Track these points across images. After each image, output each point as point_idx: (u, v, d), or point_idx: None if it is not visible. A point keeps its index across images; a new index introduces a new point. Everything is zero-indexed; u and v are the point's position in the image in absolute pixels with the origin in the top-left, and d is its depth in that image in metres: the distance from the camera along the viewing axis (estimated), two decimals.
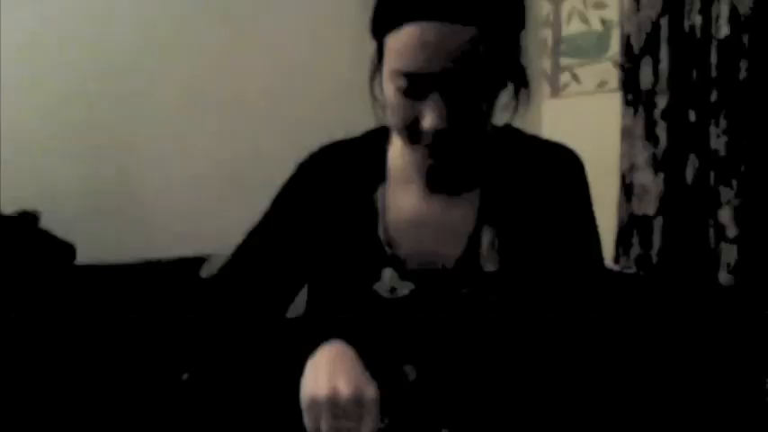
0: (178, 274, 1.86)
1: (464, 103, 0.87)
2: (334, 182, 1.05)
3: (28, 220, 1.73)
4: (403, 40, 0.84)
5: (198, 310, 1.06)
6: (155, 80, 2.10)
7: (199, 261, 1.89)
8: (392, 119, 0.93)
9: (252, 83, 2.22)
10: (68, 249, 1.72)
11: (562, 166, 1.03)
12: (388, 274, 0.99)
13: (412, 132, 0.91)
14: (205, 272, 1.87)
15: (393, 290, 0.99)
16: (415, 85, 0.86)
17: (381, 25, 0.88)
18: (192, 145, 2.14)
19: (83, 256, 1.78)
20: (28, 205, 1.74)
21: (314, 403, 0.80)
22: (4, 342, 1.56)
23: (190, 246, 1.96)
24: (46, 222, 1.75)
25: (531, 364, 0.97)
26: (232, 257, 1.08)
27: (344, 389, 0.80)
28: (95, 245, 1.81)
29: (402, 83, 0.86)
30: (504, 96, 0.94)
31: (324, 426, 0.79)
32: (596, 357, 1.00)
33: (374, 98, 0.96)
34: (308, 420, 0.80)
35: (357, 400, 0.80)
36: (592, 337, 1.00)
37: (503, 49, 0.87)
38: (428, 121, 0.87)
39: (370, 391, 0.81)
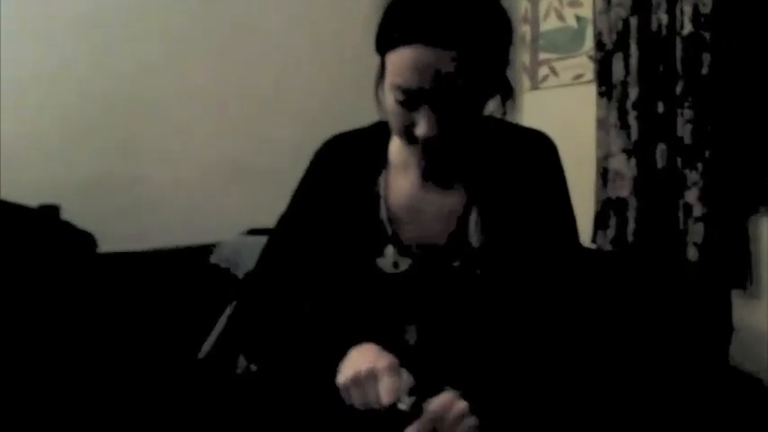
0: (190, 260, 1.98)
1: (452, 114, 0.99)
2: (341, 169, 1.18)
3: (49, 212, 1.84)
4: (398, 60, 0.97)
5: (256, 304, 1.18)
6: (164, 84, 2.20)
7: (208, 248, 2.02)
8: (391, 122, 1.06)
9: (254, 79, 2.33)
10: (89, 239, 1.84)
11: (537, 151, 1.16)
12: (390, 250, 1.13)
13: (408, 135, 1.04)
14: (214, 258, 1.99)
15: (395, 264, 1.12)
16: (410, 98, 0.99)
17: (382, 45, 1.02)
18: (197, 141, 2.25)
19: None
20: (49, 200, 1.86)
21: (344, 385, 0.98)
22: (32, 330, 1.67)
23: (198, 234, 2.09)
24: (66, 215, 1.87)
25: (513, 325, 1.11)
26: (266, 248, 1.20)
27: (362, 366, 0.96)
28: (111, 235, 1.93)
29: (399, 95, 0.99)
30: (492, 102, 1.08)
31: (354, 398, 0.96)
32: (570, 319, 1.13)
33: (378, 101, 1.08)
34: (345, 400, 0.98)
35: (372, 371, 0.96)
36: (567, 304, 1.13)
37: (486, 67, 0.98)
38: (420, 129, 1.00)
39: (382, 361, 0.97)
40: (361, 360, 0.98)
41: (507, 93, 1.09)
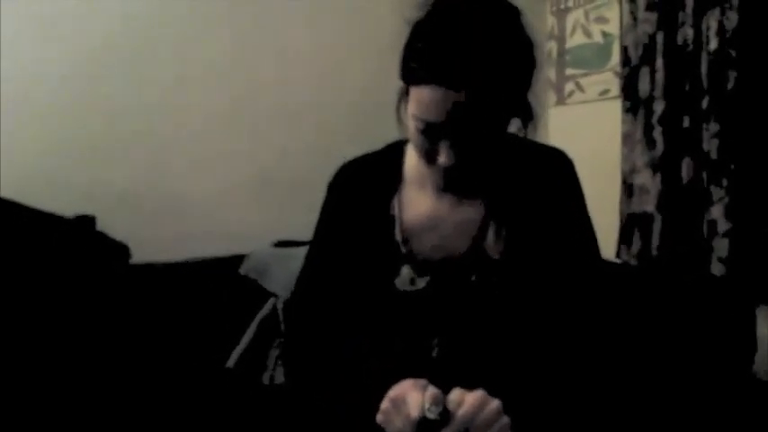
0: (219, 271, 2.02)
1: (471, 144, 1.03)
2: (354, 195, 1.22)
3: (86, 222, 1.89)
4: (417, 95, 1.01)
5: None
6: (195, 99, 2.24)
7: (238, 259, 2.06)
8: (413, 144, 1.09)
9: (281, 93, 2.36)
10: (123, 250, 1.89)
11: (554, 167, 1.19)
12: (405, 270, 1.16)
13: (429, 159, 1.07)
14: (243, 269, 2.03)
15: (412, 282, 1.15)
16: (429, 130, 1.02)
17: (404, 79, 1.05)
18: (227, 154, 2.29)
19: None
20: (86, 210, 1.91)
21: (382, 418, 1.01)
22: (67, 336, 1.72)
23: (228, 246, 2.13)
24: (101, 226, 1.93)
25: (531, 337, 1.13)
26: (301, 277, 1.25)
27: (393, 395, 1.00)
28: (143, 246, 1.98)
29: (419, 125, 1.03)
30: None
31: (397, 424, 0.99)
32: (589, 328, 1.14)
33: (399, 119, 1.12)
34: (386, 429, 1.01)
35: (400, 393, 0.99)
36: (585, 313, 1.14)
37: (503, 100, 1.01)
38: (441, 159, 1.04)
39: (408, 382, 1.01)
40: (391, 392, 1.02)
41: (528, 116, 1.12)
